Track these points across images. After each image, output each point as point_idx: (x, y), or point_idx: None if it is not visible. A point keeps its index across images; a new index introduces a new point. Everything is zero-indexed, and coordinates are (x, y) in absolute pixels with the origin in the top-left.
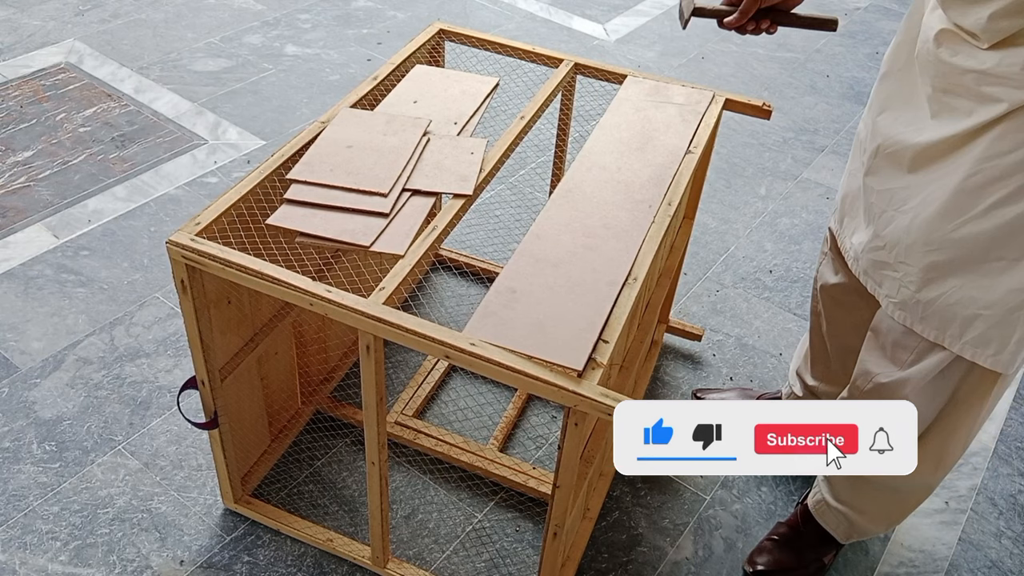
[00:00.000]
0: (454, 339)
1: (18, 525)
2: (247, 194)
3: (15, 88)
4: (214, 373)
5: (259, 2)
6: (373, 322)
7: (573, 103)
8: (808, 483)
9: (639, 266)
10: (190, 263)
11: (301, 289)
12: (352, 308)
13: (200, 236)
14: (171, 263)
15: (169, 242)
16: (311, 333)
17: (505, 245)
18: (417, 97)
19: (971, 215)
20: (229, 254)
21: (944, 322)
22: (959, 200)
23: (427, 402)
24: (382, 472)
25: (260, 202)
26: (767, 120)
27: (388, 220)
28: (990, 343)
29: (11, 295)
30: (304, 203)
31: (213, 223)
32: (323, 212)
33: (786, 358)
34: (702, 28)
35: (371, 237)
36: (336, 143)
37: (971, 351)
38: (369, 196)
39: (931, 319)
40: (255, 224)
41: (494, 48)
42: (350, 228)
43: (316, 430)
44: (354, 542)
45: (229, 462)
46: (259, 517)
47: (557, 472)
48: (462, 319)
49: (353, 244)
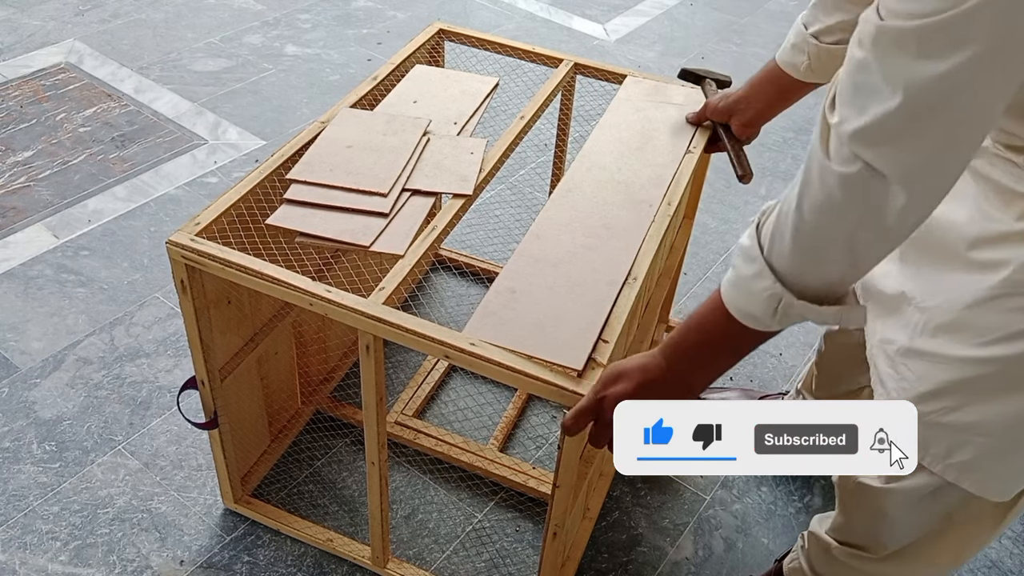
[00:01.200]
0: (454, 339)
1: (18, 525)
2: (247, 194)
3: (15, 88)
4: (214, 373)
5: (259, 2)
6: (373, 322)
7: (573, 103)
8: (808, 483)
9: (639, 266)
10: (190, 263)
11: (301, 289)
12: (352, 308)
13: (200, 236)
14: (171, 263)
15: (169, 242)
16: (311, 333)
17: (505, 245)
18: (417, 97)
19: (1001, 335)
20: (229, 254)
21: (928, 441)
22: (987, 313)
23: (427, 402)
24: (382, 472)
25: (260, 202)
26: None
27: (388, 220)
28: (978, 469)
29: (11, 295)
30: (304, 203)
31: (213, 223)
32: (323, 212)
33: (786, 358)
34: (702, 28)
35: (371, 237)
36: (336, 143)
37: (955, 475)
38: (369, 196)
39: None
40: (255, 224)
41: (494, 48)
42: (350, 228)
43: (316, 430)
44: (354, 542)
45: (229, 462)
46: (259, 517)
47: (557, 472)
48: (462, 319)
49: (353, 244)
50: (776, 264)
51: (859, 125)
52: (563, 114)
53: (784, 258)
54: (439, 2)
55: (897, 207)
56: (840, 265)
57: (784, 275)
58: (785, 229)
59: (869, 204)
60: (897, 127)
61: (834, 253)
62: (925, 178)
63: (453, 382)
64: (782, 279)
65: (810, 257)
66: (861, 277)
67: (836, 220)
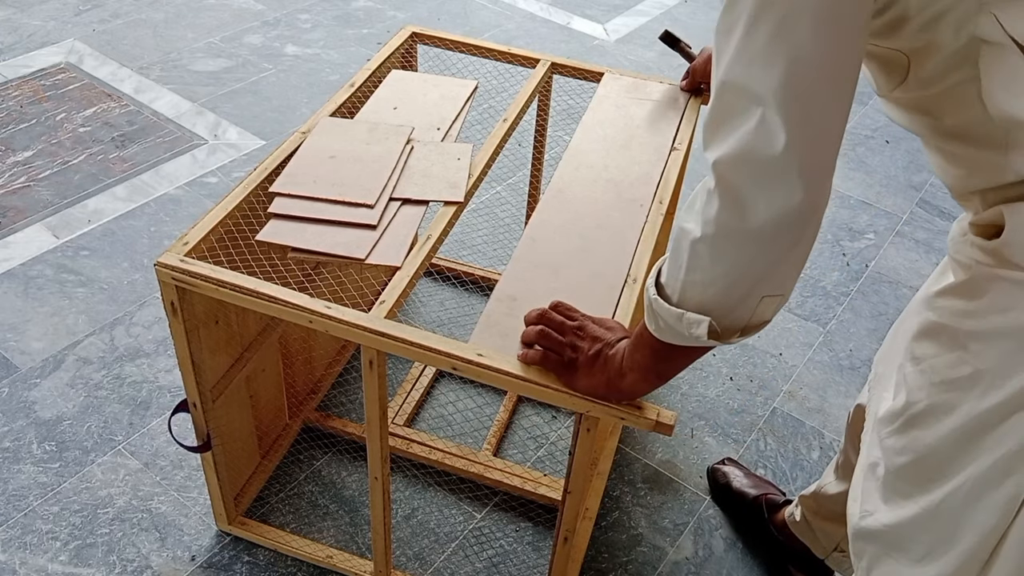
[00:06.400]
0: (461, 350)
1: (18, 525)
2: (233, 210)
3: (15, 88)
4: (206, 395)
5: (259, 2)
6: (377, 337)
7: (550, 104)
8: (807, 482)
9: (637, 266)
10: (181, 284)
11: (300, 307)
12: (354, 324)
13: (189, 256)
14: (161, 286)
15: (158, 264)
16: (296, 345)
17: (490, 249)
18: (397, 103)
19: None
20: (222, 274)
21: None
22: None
23: (418, 409)
24: (385, 486)
25: (247, 217)
26: None
27: (380, 232)
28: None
29: (11, 295)
30: (292, 217)
31: (202, 241)
32: (313, 226)
33: (786, 358)
34: (702, 28)
35: (365, 250)
36: (318, 153)
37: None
38: (355, 208)
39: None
40: (244, 240)
41: (468, 50)
42: (342, 241)
43: (304, 445)
44: (355, 557)
45: (222, 484)
46: (255, 537)
47: (568, 477)
48: (449, 324)
49: (348, 257)
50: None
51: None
52: (540, 114)
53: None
54: (439, 2)
55: (779, 143)
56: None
57: (661, 281)
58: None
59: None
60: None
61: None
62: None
63: (441, 387)
64: (658, 281)
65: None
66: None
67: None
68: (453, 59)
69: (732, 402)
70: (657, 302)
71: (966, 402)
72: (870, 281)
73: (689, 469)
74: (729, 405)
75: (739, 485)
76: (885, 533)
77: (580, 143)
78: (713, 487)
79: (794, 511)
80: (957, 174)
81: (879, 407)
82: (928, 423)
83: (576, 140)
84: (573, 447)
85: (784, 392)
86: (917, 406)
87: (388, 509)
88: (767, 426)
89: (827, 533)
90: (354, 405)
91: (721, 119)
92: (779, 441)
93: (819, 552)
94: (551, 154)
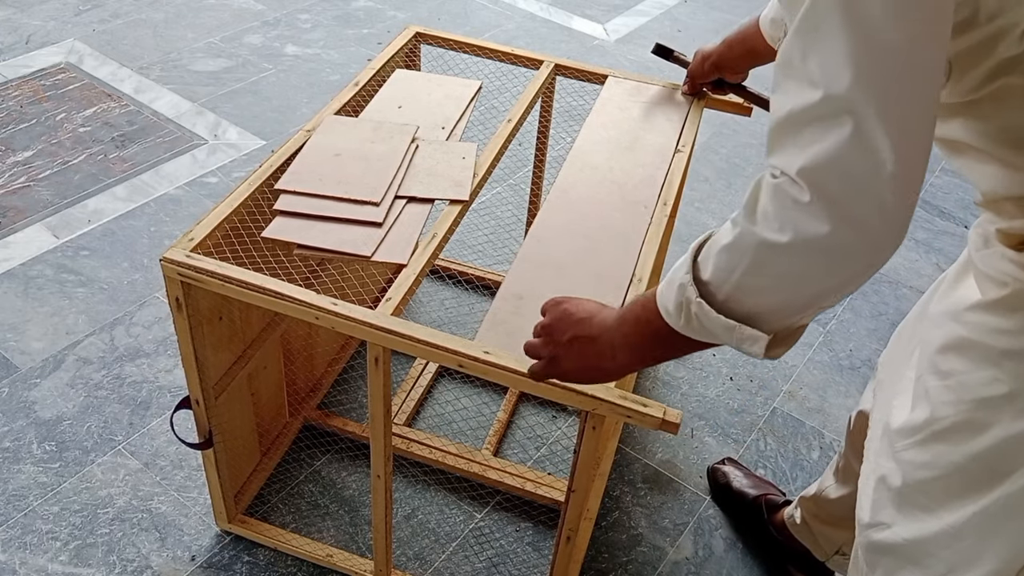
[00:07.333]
0: (468, 348)
1: (18, 525)
2: (239, 207)
3: (15, 88)
4: (208, 392)
5: (259, 2)
6: (384, 334)
7: (553, 105)
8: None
9: (642, 267)
10: (187, 280)
11: (307, 303)
12: (361, 320)
13: (195, 252)
14: (166, 281)
15: (164, 259)
16: (298, 343)
17: (495, 249)
18: (401, 102)
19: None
20: (228, 269)
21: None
22: None
23: (418, 407)
24: (387, 485)
25: (252, 214)
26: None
27: (386, 229)
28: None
29: (11, 295)
30: (297, 214)
31: (207, 238)
32: (319, 223)
33: (786, 358)
34: (702, 28)
35: (371, 247)
36: (324, 151)
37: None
38: (361, 205)
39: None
40: (249, 236)
41: (471, 50)
42: (348, 238)
43: (305, 443)
44: (355, 556)
45: (223, 482)
46: (255, 536)
47: (573, 476)
48: (450, 324)
49: (354, 255)
50: (701, 263)
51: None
52: (543, 115)
53: (711, 269)
54: (439, 2)
55: (888, 167)
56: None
57: (703, 277)
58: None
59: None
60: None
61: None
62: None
63: (441, 386)
64: (697, 276)
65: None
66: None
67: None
68: (455, 59)
69: (732, 402)
70: (701, 307)
71: (999, 422)
72: (870, 281)
73: (689, 469)
74: (729, 405)
75: (739, 485)
76: (903, 547)
77: (584, 144)
78: (713, 487)
79: (794, 513)
80: (996, 175)
81: (890, 416)
82: (955, 440)
83: (580, 141)
84: (578, 445)
85: (784, 392)
86: (943, 422)
87: (390, 508)
88: (767, 426)
89: (828, 537)
90: (354, 404)
91: (803, 123)
92: (779, 441)
93: (820, 555)
94: (552, 154)
